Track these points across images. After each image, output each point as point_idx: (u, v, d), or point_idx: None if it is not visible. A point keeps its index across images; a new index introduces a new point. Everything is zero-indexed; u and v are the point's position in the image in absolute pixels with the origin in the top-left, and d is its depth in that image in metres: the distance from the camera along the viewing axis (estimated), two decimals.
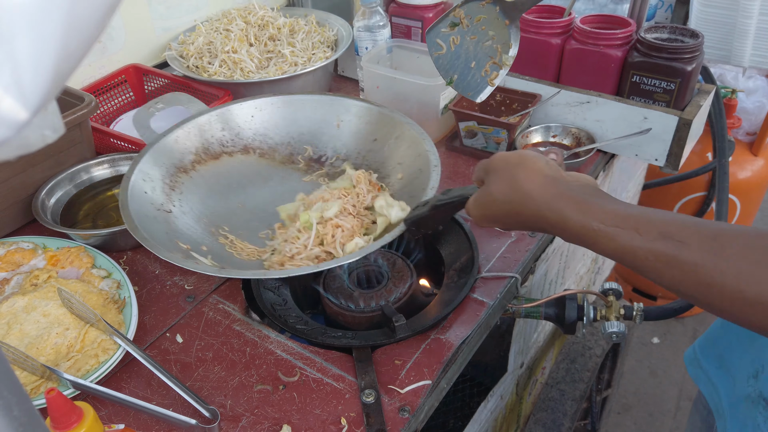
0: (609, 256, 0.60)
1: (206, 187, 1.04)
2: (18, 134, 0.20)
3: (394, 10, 1.40)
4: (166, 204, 0.97)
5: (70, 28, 0.19)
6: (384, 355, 0.86)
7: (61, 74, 0.20)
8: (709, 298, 0.54)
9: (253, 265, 0.95)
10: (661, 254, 0.55)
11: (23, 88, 0.19)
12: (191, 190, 1.02)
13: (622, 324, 0.98)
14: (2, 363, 0.31)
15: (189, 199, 1.01)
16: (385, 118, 1.09)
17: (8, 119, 0.19)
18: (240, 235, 1.00)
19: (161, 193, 0.97)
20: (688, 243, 0.55)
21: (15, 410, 0.33)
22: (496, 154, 0.71)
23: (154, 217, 0.92)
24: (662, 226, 0.56)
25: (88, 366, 0.81)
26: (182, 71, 1.35)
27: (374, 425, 0.77)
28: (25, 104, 0.19)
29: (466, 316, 0.91)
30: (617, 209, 0.59)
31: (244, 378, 0.84)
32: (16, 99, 0.19)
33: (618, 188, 1.54)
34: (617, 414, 2.04)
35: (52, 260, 0.97)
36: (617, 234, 0.58)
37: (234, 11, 1.49)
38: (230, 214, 1.04)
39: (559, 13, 1.27)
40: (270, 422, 0.78)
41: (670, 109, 1.16)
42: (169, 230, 0.93)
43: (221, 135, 1.08)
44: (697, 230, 0.55)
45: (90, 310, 0.84)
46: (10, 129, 0.19)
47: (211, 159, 1.06)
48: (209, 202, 1.03)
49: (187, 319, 0.93)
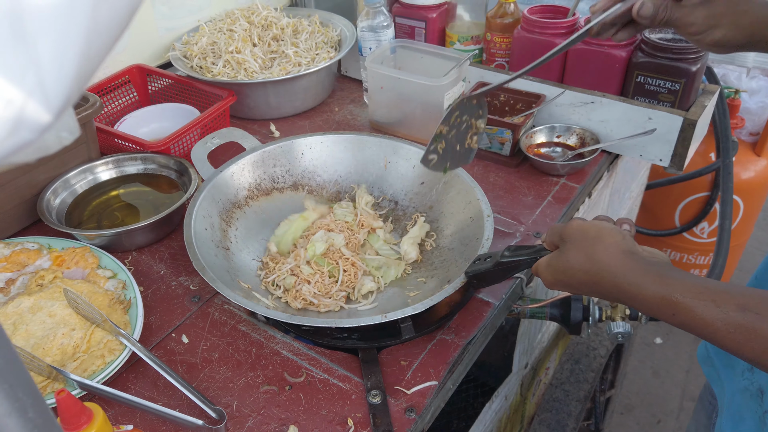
0: (687, 329, 0.61)
1: (259, 222, 1.05)
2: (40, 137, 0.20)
3: (398, 10, 1.40)
4: (224, 241, 0.98)
5: (92, 31, 0.19)
6: (390, 356, 0.86)
7: (82, 77, 0.20)
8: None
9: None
10: (740, 326, 0.56)
11: (47, 91, 0.19)
12: (245, 226, 1.03)
13: (628, 324, 0.98)
14: (17, 365, 0.31)
15: (244, 235, 1.02)
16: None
17: (32, 122, 0.19)
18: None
19: (219, 230, 0.98)
20: (766, 315, 0.55)
21: (30, 412, 0.33)
22: (572, 222, 0.72)
23: (215, 254, 0.93)
24: (740, 298, 0.57)
25: (94, 366, 0.81)
26: (186, 71, 1.35)
27: (381, 426, 0.77)
28: (48, 107, 0.19)
29: (471, 317, 0.91)
30: (695, 282, 0.61)
31: (250, 378, 0.84)
32: (40, 102, 0.19)
33: (621, 189, 1.54)
34: (620, 414, 2.04)
35: (57, 260, 0.97)
36: (695, 306, 0.59)
37: (237, 11, 1.49)
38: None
39: (563, 14, 1.27)
40: (277, 423, 0.78)
41: (675, 110, 1.16)
42: (229, 268, 0.94)
43: (273, 171, 1.09)
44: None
45: (96, 310, 0.84)
46: (33, 132, 0.19)
47: (262, 195, 1.08)
48: (260, 237, 1.04)
49: (192, 319, 0.93)
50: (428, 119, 1.26)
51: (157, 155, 1.15)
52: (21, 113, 0.18)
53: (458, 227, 1.01)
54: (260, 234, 1.05)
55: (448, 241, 1.01)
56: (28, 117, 0.19)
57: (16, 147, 0.19)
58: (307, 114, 1.43)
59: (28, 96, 0.18)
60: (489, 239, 0.91)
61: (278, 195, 1.10)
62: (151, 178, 1.15)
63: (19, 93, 0.18)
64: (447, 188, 1.06)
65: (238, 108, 1.38)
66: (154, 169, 1.15)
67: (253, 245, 1.03)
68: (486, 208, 0.97)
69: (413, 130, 1.30)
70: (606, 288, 0.66)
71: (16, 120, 0.18)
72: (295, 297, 0.93)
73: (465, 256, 0.93)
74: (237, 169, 1.05)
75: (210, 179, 1.00)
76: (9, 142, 0.18)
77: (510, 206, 1.12)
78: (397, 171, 1.11)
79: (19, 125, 0.18)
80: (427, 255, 1.02)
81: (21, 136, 0.19)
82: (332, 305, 0.93)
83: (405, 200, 1.11)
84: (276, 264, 0.98)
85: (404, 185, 1.11)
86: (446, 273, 0.94)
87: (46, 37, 0.18)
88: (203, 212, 0.96)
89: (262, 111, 1.39)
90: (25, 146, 0.19)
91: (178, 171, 1.13)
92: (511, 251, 0.82)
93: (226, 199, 1.02)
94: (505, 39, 1.32)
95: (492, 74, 1.31)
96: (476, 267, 0.85)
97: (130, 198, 1.13)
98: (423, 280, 0.98)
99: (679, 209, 2.03)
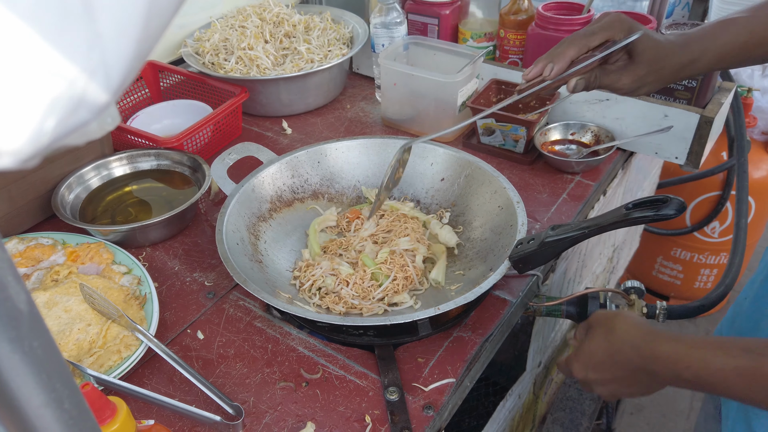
0: (700, 382, 0.65)
1: (284, 233, 1.05)
2: (96, 118, 0.19)
3: (411, 6, 1.40)
4: (255, 254, 0.97)
5: (152, 8, 0.19)
6: (406, 353, 0.86)
7: (140, 57, 0.20)
8: None
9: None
10: (746, 368, 0.61)
11: (108, 70, 0.18)
12: (272, 238, 1.03)
13: None
14: (56, 356, 0.31)
15: (272, 247, 1.02)
16: (450, 157, 1.08)
17: (91, 102, 0.18)
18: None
19: (249, 245, 0.97)
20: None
21: (66, 403, 0.32)
22: (595, 312, 0.82)
23: (251, 268, 0.93)
24: (744, 343, 0.63)
25: (110, 362, 0.81)
26: (198, 68, 1.35)
27: (399, 423, 0.76)
28: (108, 87, 0.19)
29: (488, 314, 0.90)
30: (702, 338, 0.67)
31: (267, 375, 0.84)
32: (100, 82, 0.18)
33: (634, 187, 1.53)
34: (630, 414, 2.03)
35: (71, 256, 0.97)
36: (706, 355, 0.64)
37: (249, 8, 1.49)
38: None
39: (578, 10, 1.26)
40: (294, 419, 0.78)
41: (691, 107, 1.15)
42: (266, 280, 0.93)
43: (291, 182, 1.09)
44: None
45: (112, 305, 0.84)
46: (91, 113, 0.19)
47: (285, 206, 1.07)
48: (287, 248, 1.04)
49: (208, 315, 0.93)
50: (441, 116, 1.26)
51: (170, 151, 1.14)
52: (83, 93, 0.18)
53: (487, 218, 1.00)
54: (287, 245, 1.04)
55: (478, 232, 1.01)
56: (88, 96, 0.18)
57: (74, 127, 0.18)
58: (319, 111, 1.43)
59: (91, 75, 0.18)
60: (524, 224, 0.91)
61: (300, 205, 1.09)
62: (164, 174, 1.15)
63: (82, 71, 0.17)
64: (469, 181, 1.05)
65: (250, 105, 1.38)
66: (168, 165, 1.15)
67: (283, 255, 1.02)
68: (514, 195, 0.97)
69: (426, 127, 1.29)
70: (625, 355, 0.72)
71: (78, 99, 0.18)
72: (336, 301, 0.92)
73: (501, 244, 0.93)
74: (257, 182, 1.04)
75: (233, 194, 1.00)
76: (69, 121, 0.18)
77: (525, 203, 1.10)
78: (415, 170, 1.11)
79: (79, 105, 0.18)
80: (460, 248, 1.02)
81: (80, 116, 0.18)
82: (376, 309, 0.91)
83: (427, 198, 1.10)
84: (308, 269, 0.97)
85: (424, 183, 1.11)
86: (485, 263, 0.94)
87: (109, 13, 0.17)
88: (232, 227, 0.95)
89: (274, 108, 1.38)
90: (82, 127, 0.19)
91: (191, 167, 1.13)
92: (555, 229, 0.82)
93: (251, 213, 1.02)
94: (519, 36, 1.32)
95: (505, 71, 1.30)
96: (520, 251, 0.85)
97: (143, 194, 1.13)
98: (461, 273, 0.97)
99: (690, 208, 2.02)
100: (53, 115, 0.17)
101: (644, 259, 2.22)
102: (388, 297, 0.93)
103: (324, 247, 1.02)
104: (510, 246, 0.89)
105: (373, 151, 1.13)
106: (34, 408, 0.31)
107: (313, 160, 1.11)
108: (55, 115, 0.17)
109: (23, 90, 0.17)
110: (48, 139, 0.18)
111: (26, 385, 0.30)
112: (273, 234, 1.03)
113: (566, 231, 0.82)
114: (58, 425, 0.33)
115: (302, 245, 1.05)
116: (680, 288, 2.22)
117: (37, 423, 0.32)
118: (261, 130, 1.36)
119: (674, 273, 2.20)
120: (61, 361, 0.32)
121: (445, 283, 0.96)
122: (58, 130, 0.19)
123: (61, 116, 0.19)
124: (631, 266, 2.22)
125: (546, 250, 0.83)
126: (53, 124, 0.17)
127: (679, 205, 0.74)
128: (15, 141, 0.17)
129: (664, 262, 2.20)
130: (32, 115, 0.17)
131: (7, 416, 0.31)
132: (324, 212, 1.09)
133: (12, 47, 0.16)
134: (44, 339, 0.31)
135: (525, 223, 0.92)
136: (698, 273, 2.16)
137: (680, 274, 2.19)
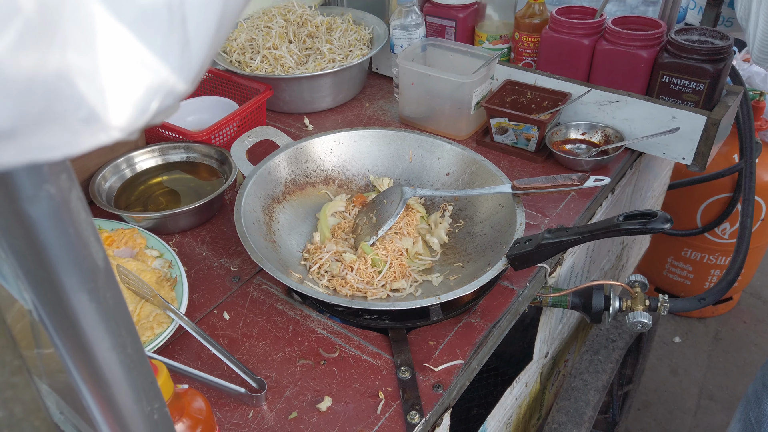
0: None
1: (297, 216, 1.11)
2: (177, 102, 0.25)
3: (429, 9, 1.45)
4: (269, 234, 1.04)
5: (223, 16, 0.24)
6: (418, 336, 0.91)
7: (211, 55, 0.25)
8: None
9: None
10: None
11: (191, 68, 0.24)
12: (286, 220, 1.09)
13: (647, 315, 1.02)
14: (123, 307, 0.36)
15: (286, 228, 1.08)
16: (456, 154, 1.14)
17: (177, 92, 0.24)
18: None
19: (264, 225, 1.04)
20: None
21: (129, 348, 0.38)
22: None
23: (266, 247, 0.99)
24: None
25: (144, 338, 0.87)
26: (225, 66, 1.41)
27: (410, 400, 0.82)
28: (188, 81, 0.24)
29: (496, 302, 0.96)
30: None
31: (287, 353, 0.90)
32: (185, 78, 0.24)
33: (644, 187, 1.57)
34: (637, 410, 2.06)
35: (107, 240, 1.03)
36: None
37: (274, 9, 1.55)
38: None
39: (591, 15, 1.31)
40: (312, 394, 0.84)
41: (699, 109, 1.19)
42: (279, 260, 1.00)
43: (305, 167, 1.15)
44: None
45: (147, 285, 0.90)
46: (175, 99, 0.24)
47: (298, 190, 1.14)
48: (299, 230, 1.10)
49: (233, 297, 0.99)
50: (457, 115, 1.31)
51: (199, 144, 1.21)
52: (174, 85, 0.23)
53: (488, 214, 1.06)
54: (299, 227, 1.10)
55: (479, 227, 1.06)
56: (177, 88, 0.24)
57: (164, 109, 0.24)
58: (339, 109, 1.49)
59: (180, 72, 0.23)
60: (522, 224, 0.97)
61: (312, 189, 1.16)
62: (192, 166, 1.21)
63: (175, 69, 0.23)
64: (473, 178, 1.10)
65: (274, 102, 1.44)
66: (196, 157, 1.22)
67: (294, 238, 1.08)
68: (514, 195, 1.02)
69: (441, 125, 1.35)
70: None
71: (170, 89, 0.23)
72: (342, 284, 0.98)
73: (500, 242, 0.98)
74: (273, 165, 1.10)
75: (251, 176, 1.06)
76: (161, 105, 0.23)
77: (535, 199, 1.16)
78: (422, 163, 1.16)
79: (169, 93, 0.23)
80: (461, 242, 1.07)
81: (168, 101, 0.24)
82: (380, 293, 0.98)
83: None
84: (316, 252, 1.04)
85: (430, 176, 1.16)
86: (483, 257, 1.00)
87: (195, 23, 0.23)
88: (249, 207, 1.02)
89: (297, 105, 1.45)
90: (168, 110, 0.24)
91: (218, 160, 1.20)
92: (552, 233, 0.88)
93: (266, 194, 1.08)
94: (533, 39, 1.36)
95: (520, 72, 1.35)
96: (517, 250, 0.91)
97: (173, 184, 1.19)
98: (460, 265, 1.03)
99: (701, 210, 2.05)
100: (155, 101, 0.23)
101: (655, 258, 2.26)
102: (389, 283, 0.99)
103: (332, 231, 1.09)
104: (507, 244, 0.94)
105: (383, 141, 1.18)
106: (103, 351, 0.37)
107: (326, 147, 1.17)
108: (156, 101, 0.23)
109: (135, 82, 0.22)
110: (147, 118, 0.23)
111: (99, 330, 0.36)
112: (286, 216, 1.09)
113: (561, 235, 0.87)
114: (120, 368, 0.39)
115: (312, 228, 1.11)
116: (690, 288, 2.25)
117: (103, 365, 0.38)
118: (284, 126, 1.42)
119: (684, 273, 2.23)
120: (126, 312, 0.38)
121: (445, 275, 1.02)
122: (155, 111, 0.25)
123: (159, 101, 0.24)
124: (642, 265, 2.26)
125: (542, 252, 0.88)
126: (155, 107, 0.23)
127: (665, 220, 0.79)
128: (125, 119, 0.22)
129: (675, 262, 2.23)
130: (140, 100, 0.23)
131: (79, 358, 0.37)
132: (334, 198, 1.15)
133: (124, 51, 0.22)
134: (115, 291, 0.37)
135: (523, 223, 0.97)
136: (708, 273, 2.19)
137: (690, 274, 2.22)
